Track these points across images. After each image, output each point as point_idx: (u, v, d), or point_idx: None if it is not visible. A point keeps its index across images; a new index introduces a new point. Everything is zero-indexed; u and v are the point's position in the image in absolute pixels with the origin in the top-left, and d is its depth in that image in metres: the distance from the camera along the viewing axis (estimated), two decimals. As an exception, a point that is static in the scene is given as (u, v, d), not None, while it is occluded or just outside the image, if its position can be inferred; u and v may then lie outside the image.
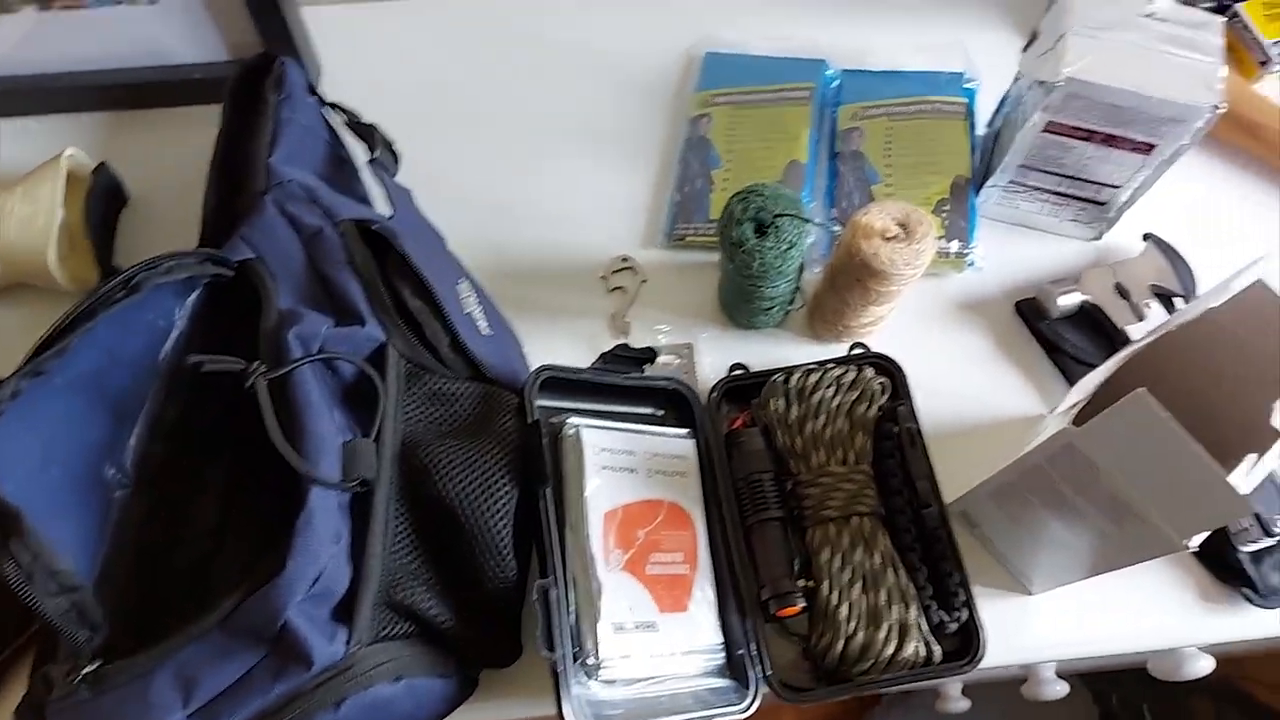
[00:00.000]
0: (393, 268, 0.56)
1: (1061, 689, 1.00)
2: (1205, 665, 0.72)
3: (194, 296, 0.56)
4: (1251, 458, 0.43)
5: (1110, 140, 0.61)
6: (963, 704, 1.32)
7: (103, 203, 0.68)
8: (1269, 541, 0.61)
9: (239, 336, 0.53)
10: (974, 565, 0.62)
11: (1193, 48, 0.58)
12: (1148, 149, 0.61)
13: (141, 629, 0.47)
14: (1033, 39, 0.62)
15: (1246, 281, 0.47)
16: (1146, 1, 0.59)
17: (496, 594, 0.51)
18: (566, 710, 0.48)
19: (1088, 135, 0.61)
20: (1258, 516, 0.60)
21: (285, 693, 0.44)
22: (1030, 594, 0.62)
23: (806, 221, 0.59)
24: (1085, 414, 0.50)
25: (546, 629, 0.48)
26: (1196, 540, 0.45)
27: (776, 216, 0.59)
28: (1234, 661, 1.45)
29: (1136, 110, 0.58)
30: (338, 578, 0.46)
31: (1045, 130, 0.62)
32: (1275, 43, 0.76)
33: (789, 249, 0.59)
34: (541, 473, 0.52)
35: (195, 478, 0.56)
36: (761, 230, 0.59)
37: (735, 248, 0.59)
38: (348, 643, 0.46)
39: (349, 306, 0.54)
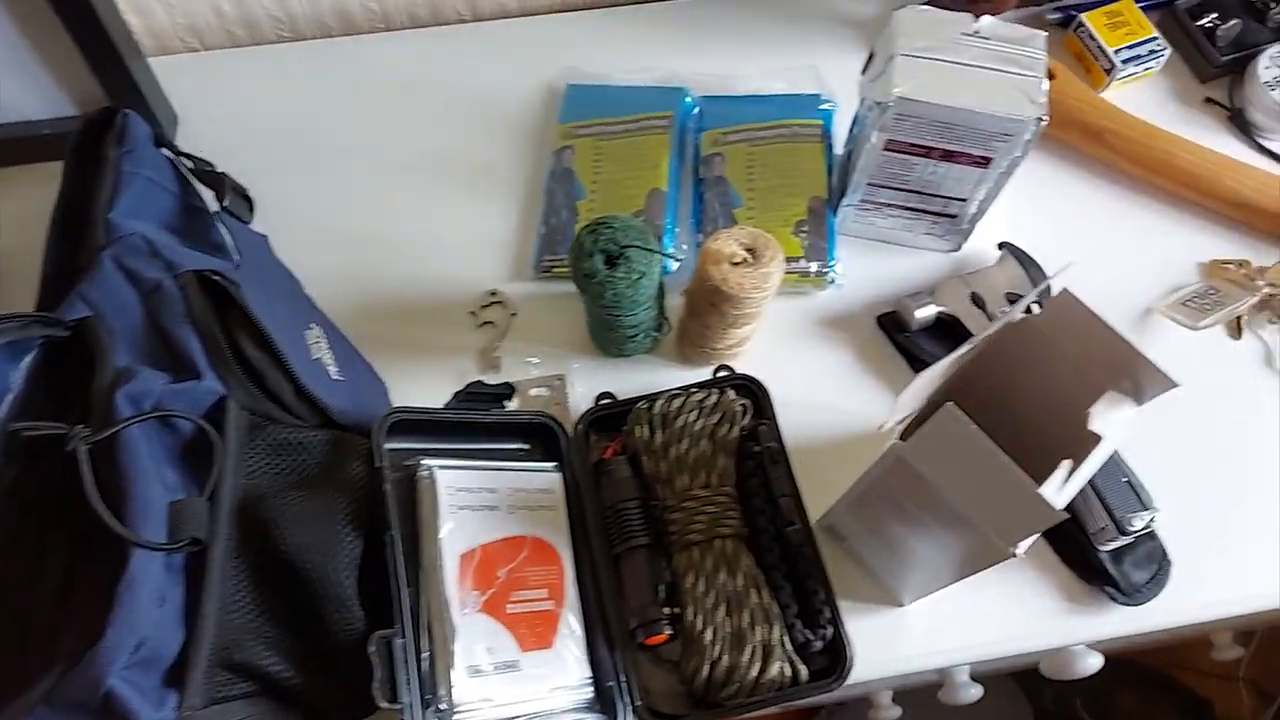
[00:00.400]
0: (233, 318, 0.55)
1: (976, 692, 1.01)
2: (1094, 662, 0.73)
3: (30, 358, 0.55)
4: (1066, 464, 0.44)
5: (948, 156, 0.63)
6: (894, 712, 1.33)
7: (-54, 266, 0.66)
8: (1126, 540, 0.62)
9: (76, 397, 0.52)
10: (845, 580, 0.63)
11: (1016, 64, 0.60)
12: (985, 162, 0.63)
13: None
14: (869, 62, 0.64)
15: (1057, 289, 0.48)
16: (971, 21, 0.61)
17: (346, 645, 0.50)
18: (414, 760, 0.47)
19: (926, 151, 0.63)
20: (1112, 516, 0.61)
21: (113, 764, 0.43)
22: (902, 605, 0.63)
23: (655, 252, 0.59)
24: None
25: (387, 679, 0.47)
26: (1023, 546, 0.46)
27: (625, 248, 0.59)
28: (1159, 652, 1.48)
29: (966, 126, 0.60)
30: (167, 641, 0.45)
31: (886, 149, 0.64)
32: (1118, 51, 0.79)
33: (639, 279, 0.59)
34: (385, 519, 0.51)
35: (38, 543, 0.54)
36: (612, 261, 0.60)
37: (587, 279, 0.60)
38: (178, 708, 0.45)
39: (186, 361, 0.53)
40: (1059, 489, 0.44)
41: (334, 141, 0.79)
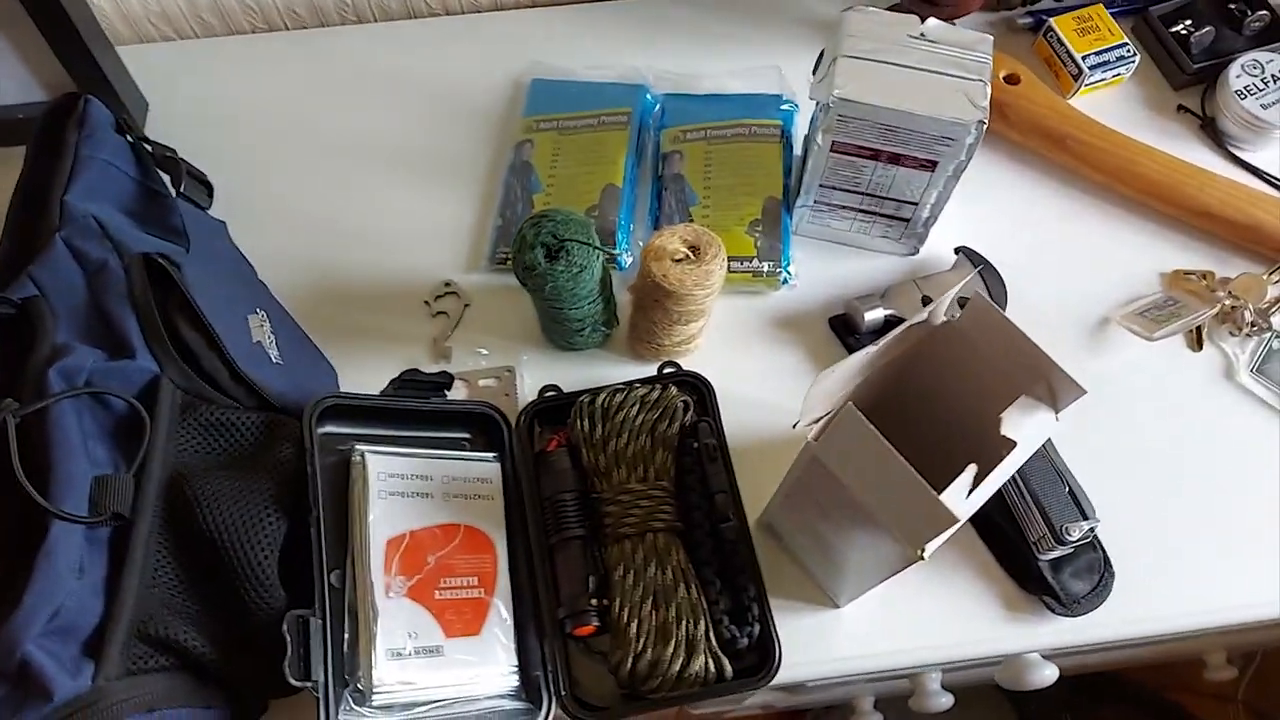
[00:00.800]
0: (173, 300, 0.56)
1: (946, 700, 1.00)
2: (1049, 674, 0.73)
3: (-23, 335, 0.56)
4: (971, 469, 0.44)
5: (895, 159, 0.63)
6: (875, 718, 1.33)
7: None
8: (1065, 550, 0.62)
9: (17, 373, 0.53)
10: (782, 579, 0.63)
11: (961, 67, 0.60)
12: (931, 165, 0.63)
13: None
14: (818, 62, 0.64)
15: (967, 290, 0.48)
16: (917, 24, 0.61)
17: (264, 625, 0.51)
18: (323, 737, 0.48)
19: (874, 154, 0.63)
20: (1050, 525, 0.61)
21: (25, 728, 0.44)
22: (838, 607, 0.63)
23: (595, 247, 0.60)
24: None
25: (297, 657, 0.48)
26: (931, 548, 0.46)
27: (565, 241, 0.59)
28: (1152, 670, 1.47)
29: (908, 129, 0.60)
30: (85, 612, 0.47)
31: (833, 150, 0.64)
32: (1086, 56, 0.78)
33: (579, 272, 0.60)
34: (309, 500, 0.52)
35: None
36: (553, 255, 0.60)
37: (528, 271, 0.60)
38: (94, 677, 0.46)
39: (123, 340, 0.54)
40: (963, 493, 0.44)
41: (301, 130, 0.80)
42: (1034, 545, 0.62)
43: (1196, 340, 0.72)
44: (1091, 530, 0.61)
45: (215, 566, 0.51)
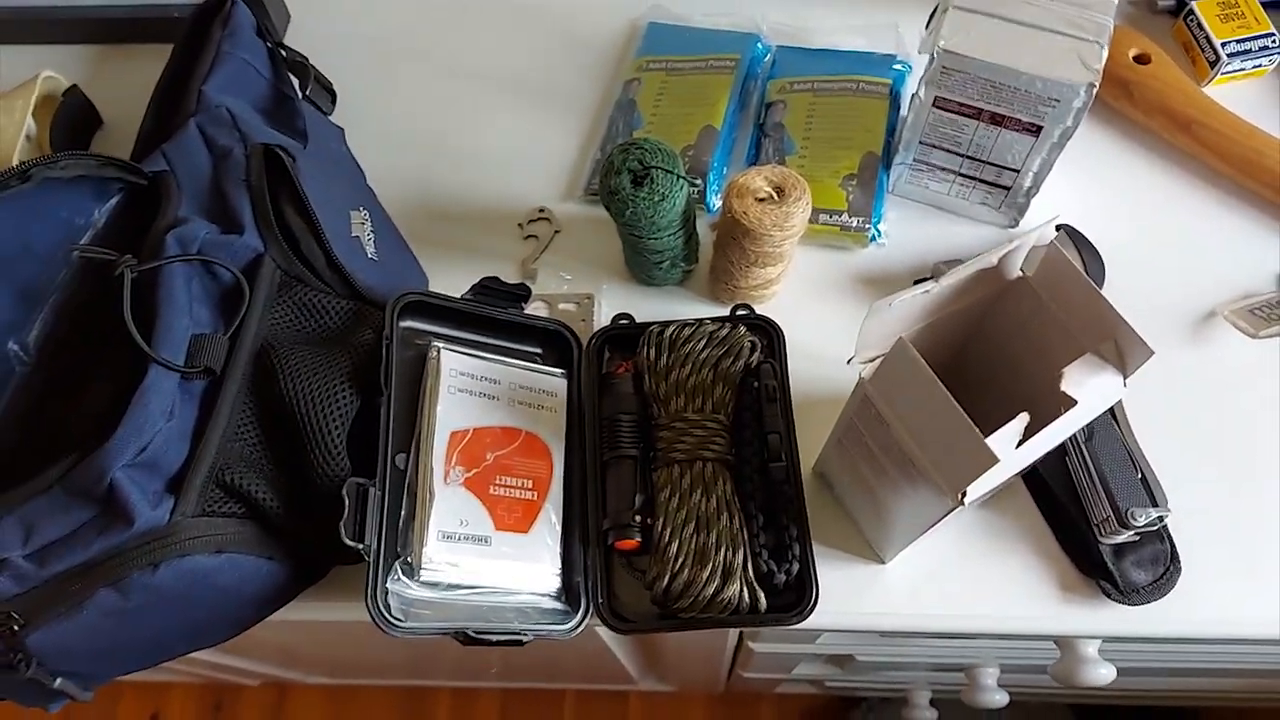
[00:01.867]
0: (284, 189, 0.61)
1: (1001, 698, 0.99)
2: (1105, 673, 0.71)
3: (114, 200, 0.62)
4: (1023, 417, 0.44)
5: (997, 120, 0.62)
6: (930, 714, 1.31)
7: (72, 121, 0.75)
8: (1129, 535, 0.60)
9: (143, 238, 0.58)
10: (830, 528, 0.63)
11: (1077, 27, 0.58)
12: (1035, 130, 0.61)
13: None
14: (932, 15, 0.63)
15: (1041, 246, 0.47)
16: (1036, -20, 0.59)
17: (328, 491, 0.54)
18: (367, 598, 0.51)
19: (976, 113, 0.62)
20: (1115, 507, 0.59)
21: (105, 548, 0.49)
22: (884, 562, 0.63)
23: (679, 176, 0.61)
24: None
25: (353, 520, 0.51)
26: (972, 494, 0.45)
27: (651, 168, 0.61)
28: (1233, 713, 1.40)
29: (1012, 87, 0.59)
30: (171, 452, 0.51)
31: (935, 106, 0.63)
32: (1226, 43, 0.74)
33: (661, 200, 0.61)
34: (380, 384, 0.56)
35: (94, 363, 0.61)
36: (638, 181, 0.62)
37: (611, 195, 0.62)
38: (172, 511, 0.50)
39: (235, 218, 0.59)
40: (1012, 441, 0.44)
41: (425, 52, 0.84)
42: (1096, 527, 0.60)
43: (1308, 346, 0.68)
44: (1160, 519, 0.59)
45: (291, 431, 0.55)
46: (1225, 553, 0.61)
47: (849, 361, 0.48)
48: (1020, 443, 0.45)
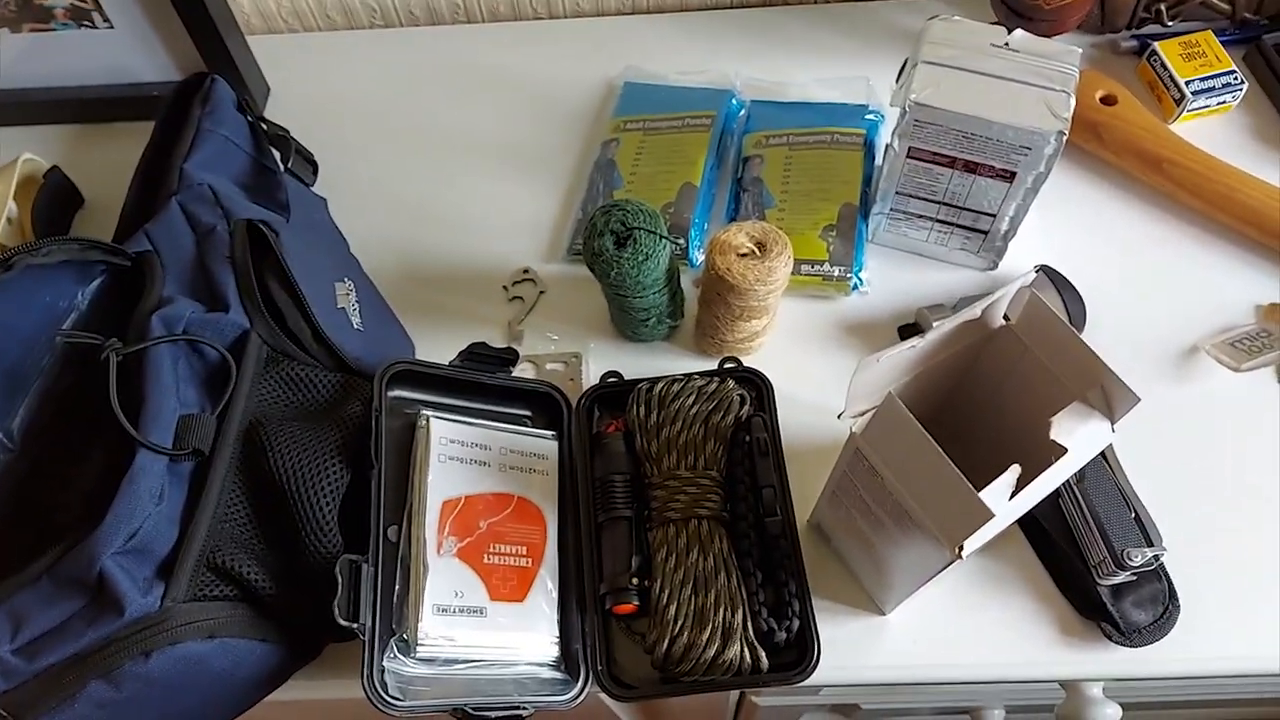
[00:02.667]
0: (268, 263, 0.61)
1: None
2: (1111, 713, 0.70)
3: (97, 283, 0.62)
4: (1014, 470, 0.44)
5: (971, 167, 0.63)
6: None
7: (53, 202, 0.75)
8: (1126, 575, 0.60)
9: (127, 319, 0.58)
10: (829, 581, 0.63)
11: (1044, 77, 0.59)
12: (1009, 176, 0.62)
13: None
14: (901, 70, 0.64)
15: (1023, 294, 0.48)
16: (1003, 34, 0.61)
17: (320, 569, 0.54)
18: (364, 678, 0.50)
19: (950, 162, 0.63)
20: (1110, 548, 0.59)
21: (96, 639, 0.48)
22: (884, 614, 0.62)
23: (661, 237, 0.62)
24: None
25: (347, 600, 0.51)
26: (969, 547, 0.45)
27: (634, 229, 0.61)
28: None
29: (985, 136, 0.60)
30: (160, 537, 0.50)
31: (910, 156, 0.64)
32: (1190, 81, 0.76)
33: (645, 260, 0.62)
34: (370, 457, 0.55)
35: (80, 448, 0.60)
36: (621, 243, 0.62)
37: (595, 257, 0.62)
38: (163, 598, 0.50)
39: (220, 295, 0.59)
40: (1005, 494, 0.44)
41: (404, 120, 0.85)
42: (1094, 569, 0.60)
43: (1290, 376, 0.68)
44: (1156, 558, 0.59)
45: (282, 509, 0.54)
46: (1222, 587, 0.61)
47: (839, 416, 0.49)
48: (1014, 493, 0.45)
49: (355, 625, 0.51)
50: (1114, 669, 0.61)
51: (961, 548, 0.45)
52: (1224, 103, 0.77)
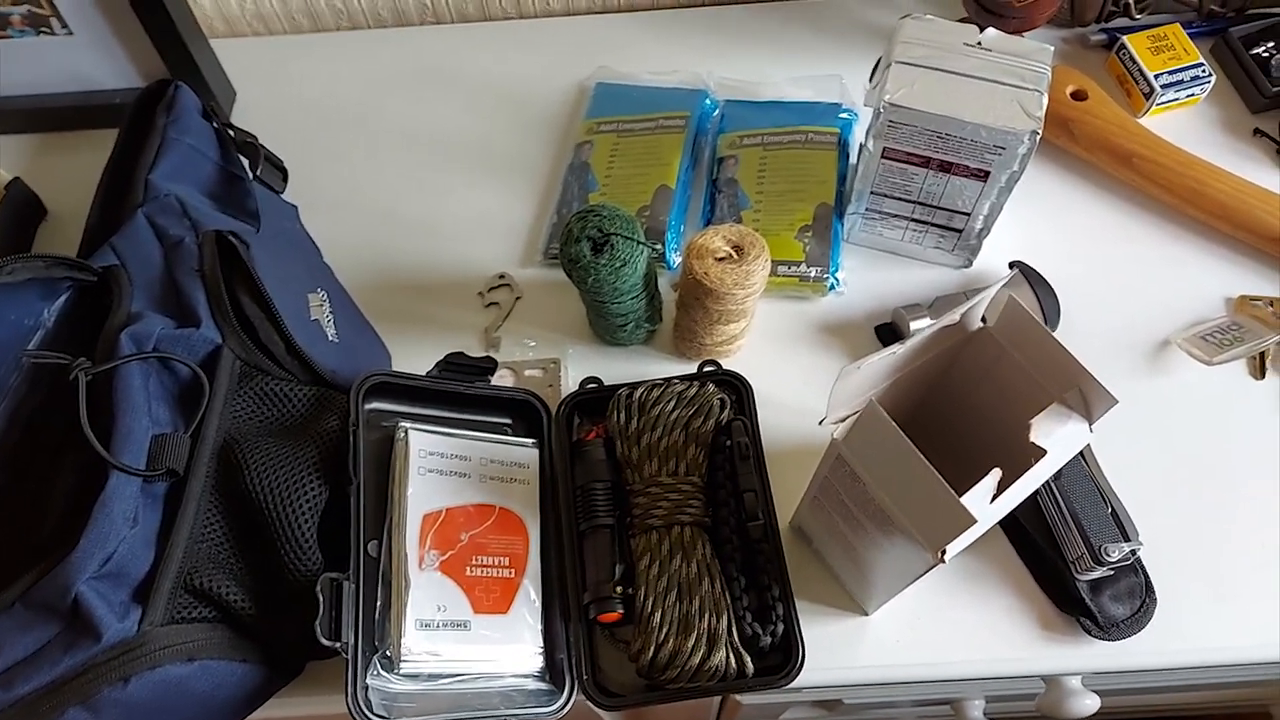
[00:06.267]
0: (239, 276, 0.60)
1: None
2: (1090, 704, 0.71)
3: (62, 299, 0.60)
4: (995, 473, 0.44)
5: (945, 167, 0.63)
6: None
7: (16, 215, 0.73)
8: (1104, 571, 0.61)
9: (96, 337, 0.57)
10: (811, 583, 0.63)
11: (1017, 76, 0.59)
12: (983, 175, 0.62)
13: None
14: (874, 70, 0.64)
15: (1000, 296, 0.48)
16: (975, 33, 0.61)
17: (300, 587, 0.53)
18: (348, 697, 0.50)
19: (924, 161, 0.63)
20: (1088, 544, 0.60)
21: (73, 665, 0.47)
22: (867, 614, 0.63)
23: (638, 242, 0.61)
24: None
25: (329, 618, 0.50)
26: (951, 551, 0.46)
27: (610, 235, 0.61)
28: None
29: (959, 136, 0.60)
30: (136, 560, 0.49)
31: (884, 157, 0.64)
32: (1159, 75, 0.77)
33: (622, 266, 0.61)
34: (348, 472, 0.55)
35: (49, 469, 0.59)
36: (598, 248, 0.62)
37: (572, 264, 0.62)
38: (140, 621, 0.49)
39: (190, 310, 0.58)
40: (986, 497, 0.44)
41: (374, 123, 0.84)
42: (1072, 564, 0.61)
43: (1259, 368, 0.69)
44: (1133, 553, 0.60)
45: (260, 528, 0.53)
46: (1198, 579, 0.62)
47: (821, 423, 0.49)
48: (994, 496, 0.45)
49: (338, 644, 0.50)
50: (1094, 662, 0.61)
51: (944, 552, 0.46)
52: (1193, 95, 0.78)
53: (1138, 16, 0.82)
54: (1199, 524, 0.64)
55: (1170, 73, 0.77)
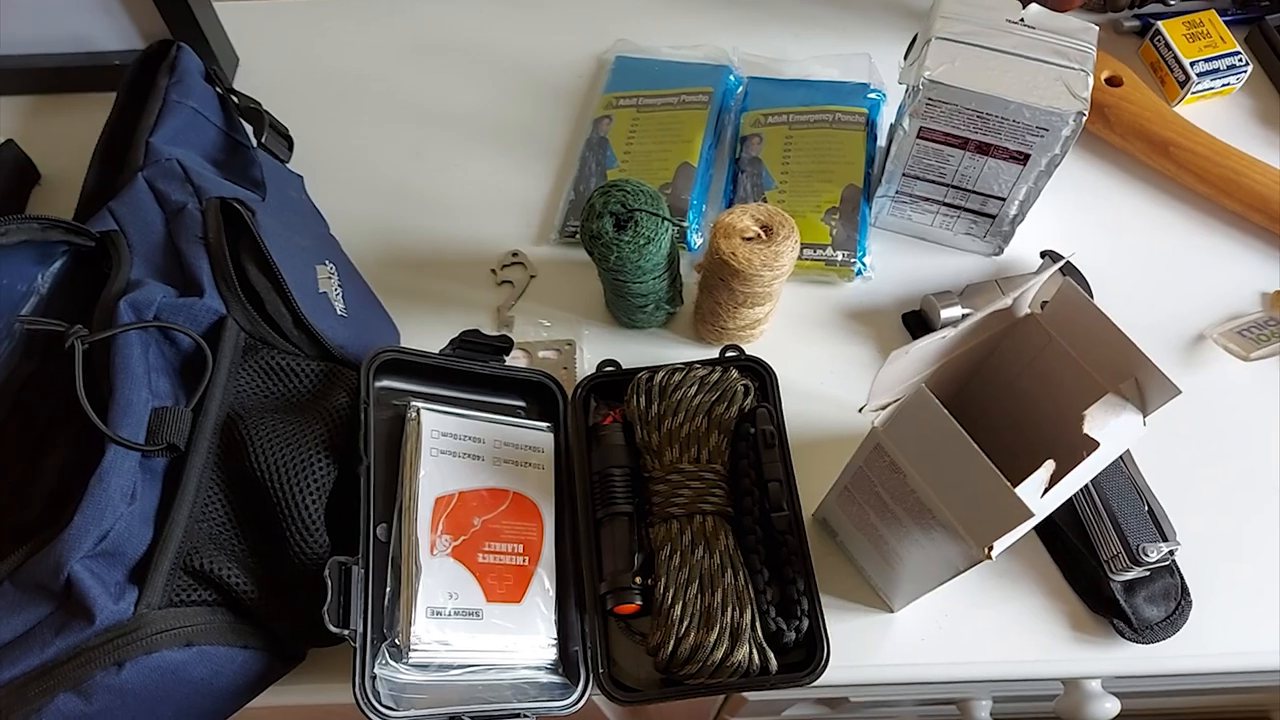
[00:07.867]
0: (245, 245, 0.57)
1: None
2: (1110, 707, 0.69)
3: (58, 264, 0.58)
4: (1049, 465, 0.42)
5: (984, 149, 0.60)
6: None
7: (8, 178, 0.70)
8: (1140, 571, 0.59)
9: (93, 304, 0.54)
10: (835, 578, 0.61)
11: (1062, 55, 0.57)
12: (1023, 158, 0.60)
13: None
14: (910, 47, 0.62)
15: (1052, 284, 0.45)
16: (1017, 8, 0.58)
17: (306, 570, 0.50)
18: (355, 687, 0.47)
19: (961, 143, 0.61)
20: (1125, 543, 0.58)
21: (65, 648, 0.44)
22: (893, 611, 0.60)
23: (664, 219, 0.59)
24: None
25: (337, 604, 0.48)
26: (999, 548, 0.43)
27: (634, 211, 0.58)
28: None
29: (1000, 116, 0.57)
30: (133, 538, 0.47)
31: (920, 137, 0.61)
32: (1194, 63, 0.75)
33: (646, 244, 0.59)
34: (358, 451, 0.52)
35: (42, 442, 0.56)
36: (621, 225, 0.59)
37: (594, 240, 0.59)
38: (136, 603, 0.46)
39: (193, 279, 0.55)
40: (1039, 490, 0.42)
41: (385, 94, 0.81)
42: (1106, 564, 0.59)
43: (1297, 365, 0.67)
44: (1171, 553, 0.57)
45: (264, 507, 0.51)
46: (1233, 581, 0.60)
47: (860, 410, 0.46)
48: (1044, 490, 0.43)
49: (347, 632, 0.48)
50: (1126, 666, 0.59)
51: (991, 548, 0.43)
52: (1228, 85, 0.76)
53: (1172, 2, 0.80)
54: (1234, 523, 0.62)
55: (1206, 60, 0.75)
